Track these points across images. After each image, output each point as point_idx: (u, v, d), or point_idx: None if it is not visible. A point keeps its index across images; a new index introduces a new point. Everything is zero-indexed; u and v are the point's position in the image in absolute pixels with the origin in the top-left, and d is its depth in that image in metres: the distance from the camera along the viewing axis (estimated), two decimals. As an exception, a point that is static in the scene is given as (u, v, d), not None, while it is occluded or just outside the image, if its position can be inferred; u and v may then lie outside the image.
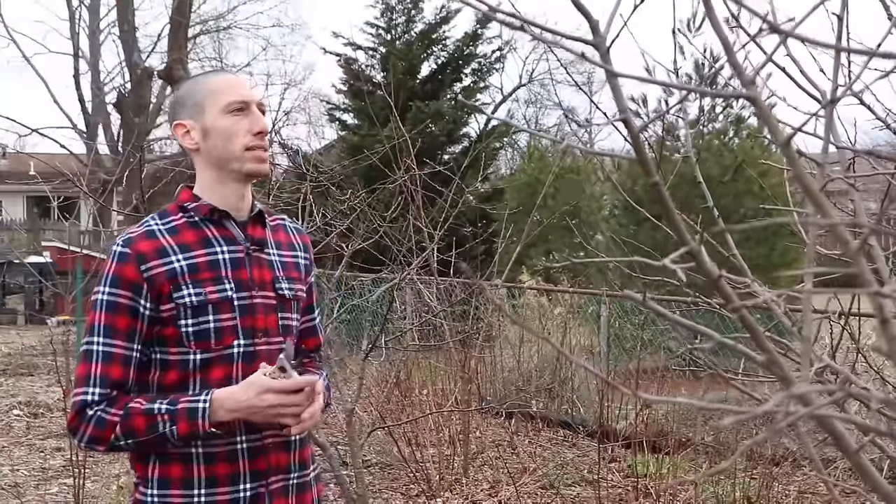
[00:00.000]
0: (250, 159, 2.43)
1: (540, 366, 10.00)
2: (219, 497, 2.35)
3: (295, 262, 2.59)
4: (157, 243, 2.38)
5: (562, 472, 7.73)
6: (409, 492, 7.24)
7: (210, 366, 2.36)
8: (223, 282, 2.39)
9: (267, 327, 2.44)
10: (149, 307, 2.34)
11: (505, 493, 7.11)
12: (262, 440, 2.39)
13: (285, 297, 2.49)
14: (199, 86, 2.49)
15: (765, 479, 6.27)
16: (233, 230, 2.46)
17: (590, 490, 6.89)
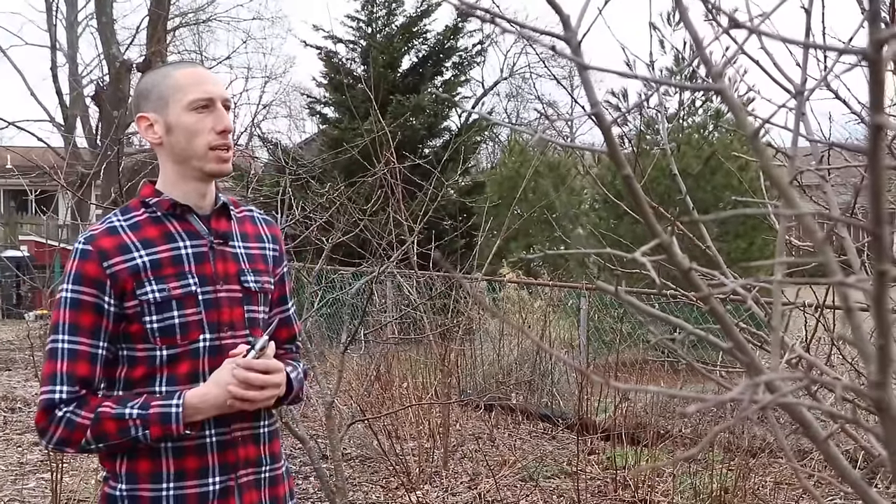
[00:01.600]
0: (213, 159, 2.40)
1: (520, 359, 10.02)
2: (188, 490, 2.34)
3: (262, 254, 2.56)
4: (119, 240, 2.36)
5: (541, 465, 7.76)
6: (388, 485, 7.26)
7: (177, 361, 2.35)
8: (186, 277, 2.37)
9: (233, 321, 2.42)
10: (113, 304, 2.33)
11: (484, 485, 7.13)
12: (230, 433, 2.39)
13: (251, 289, 2.47)
14: (164, 79, 2.44)
15: (741, 470, 6.31)
16: (195, 224, 2.44)
17: (569, 482, 6.92)
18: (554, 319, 10.69)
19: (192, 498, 2.35)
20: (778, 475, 6.88)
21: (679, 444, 7.94)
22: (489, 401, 9.45)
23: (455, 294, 8.89)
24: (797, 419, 1.48)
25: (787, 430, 2.45)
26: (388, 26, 18.47)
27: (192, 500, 2.35)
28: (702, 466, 7.05)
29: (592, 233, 13.17)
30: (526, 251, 14.50)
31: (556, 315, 10.93)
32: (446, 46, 18.74)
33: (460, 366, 9.61)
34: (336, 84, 17.93)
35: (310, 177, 6.91)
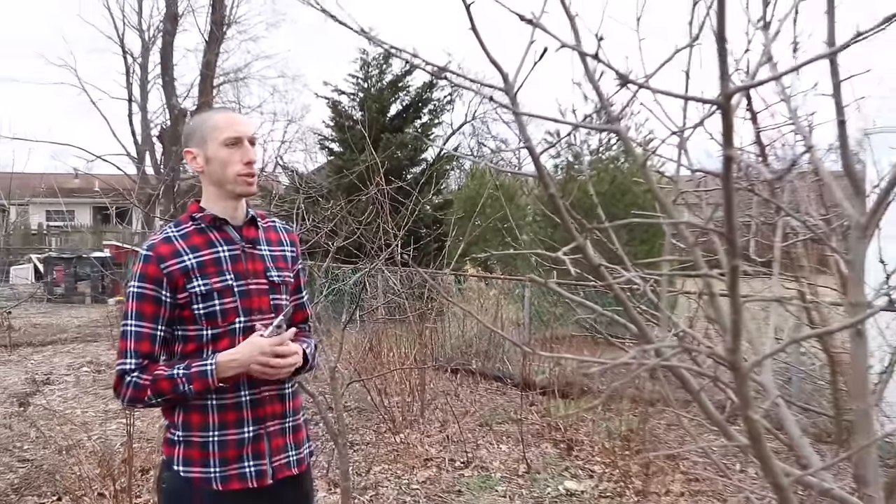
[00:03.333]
0: (241, 183, 2.46)
1: (479, 334, 10.04)
2: (229, 437, 2.41)
3: (283, 254, 2.61)
4: (172, 247, 2.43)
5: (494, 414, 7.77)
6: (378, 429, 7.25)
7: (219, 338, 2.41)
8: (225, 273, 2.43)
9: (261, 307, 2.47)
10: (168, 296, 2.39)
11: (451, 429, 7.13)
12: (260, 393, 2.45)
13: (275, 282, 2.53)
14: (204, 122, 2.49)
15: (642, 416, 6.35)
16: (231, 233, 2.50)
17: (515, 427, 6.93)
18: (505, 304, 10.74)
19: (232, 443, 2.41)
20: (669, 419, 6.93)
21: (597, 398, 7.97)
22: (455, 366, 9.46)
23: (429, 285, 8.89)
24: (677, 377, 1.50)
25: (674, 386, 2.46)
26: (380, 82, 18.47)
27: (232, 445, 2.41)
28: (614, 413, 7.09)
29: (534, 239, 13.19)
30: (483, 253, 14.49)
31: (507, 301, 10.97)
32: (424, 97, 18.76)
33: (433, 339, 9.60)
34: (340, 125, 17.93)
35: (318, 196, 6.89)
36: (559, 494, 5.67)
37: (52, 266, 20.85)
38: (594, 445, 6.69)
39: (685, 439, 6.18)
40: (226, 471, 2.41)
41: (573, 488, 5.77)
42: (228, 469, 2.42)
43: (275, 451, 2.49)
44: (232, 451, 2.42)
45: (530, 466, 6.21)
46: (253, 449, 2.45)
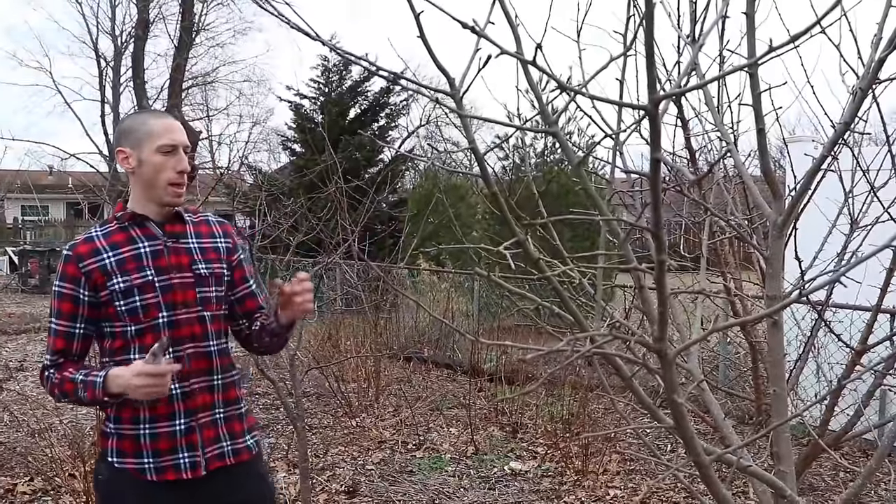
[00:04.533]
0: (170, 193, 2.34)
1: (431, 325, 10.04)
2: (160, 429, 2.31)
3: (214, 246, 2.47)
4: (92, 245, 2.32)
5: (445, 399, 7.78)
6: (336, 413, 7.21)
7: (143, 334, 2.30)
8: (145, 269, 2.31)
9: (186, 300, 2.35)
10: (87, 294, 2.30)
11: (405, 413, 7.13)
12: (189, 386, 2.34)
13: (202, 274, 2.39)
14: (142, 124, 2.35)
15: (582, 401, 6.40)
16: (153, 229, 2.37)
17: (464, 411, 6.93)
18: (455, 297, 10.74)
19: (164, 435, 2.31)
20: (606, 404, 7.00)
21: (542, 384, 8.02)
22: (408, 354, 9.46)
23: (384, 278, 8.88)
24: (611, 363, 1.51)
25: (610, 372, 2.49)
26: (340, 87, 18.44)
27: (164, 437, 2.31)
28: (556, 398, 7.14)
29: (483, 235, 13.22)
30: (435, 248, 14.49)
31: (457, 293, 10.97)
32: (381, 102, 18.77)
33: (388, 329, 9.60)
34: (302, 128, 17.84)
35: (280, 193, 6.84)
36: (505, 474, 5.70)
37: (27, 259, 20.51)
38: (538, 428, 6.72)
39: (621, 422, 6.24)
40: (160, 462, 2.31)
41: (518, 468, 5.80)
42: (162, 460, 2.32)
43: (206, 441, 2.37)
44: (164, 443, 2.32)
45: (478, 448, 6.22)
46: (186, 441, 2.34)
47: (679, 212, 3.16)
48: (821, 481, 5.50)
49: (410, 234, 9.24)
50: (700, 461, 1.20)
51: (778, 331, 1.85)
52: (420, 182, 20.70)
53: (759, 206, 1.94)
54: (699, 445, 1.20)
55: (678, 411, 1.12)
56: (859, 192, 3.18)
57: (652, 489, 5.30)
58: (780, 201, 1.89)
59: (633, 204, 2.41)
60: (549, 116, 1.02)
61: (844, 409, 3.72)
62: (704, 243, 2.49)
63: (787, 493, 1.63)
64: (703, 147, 3.51)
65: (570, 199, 12.52)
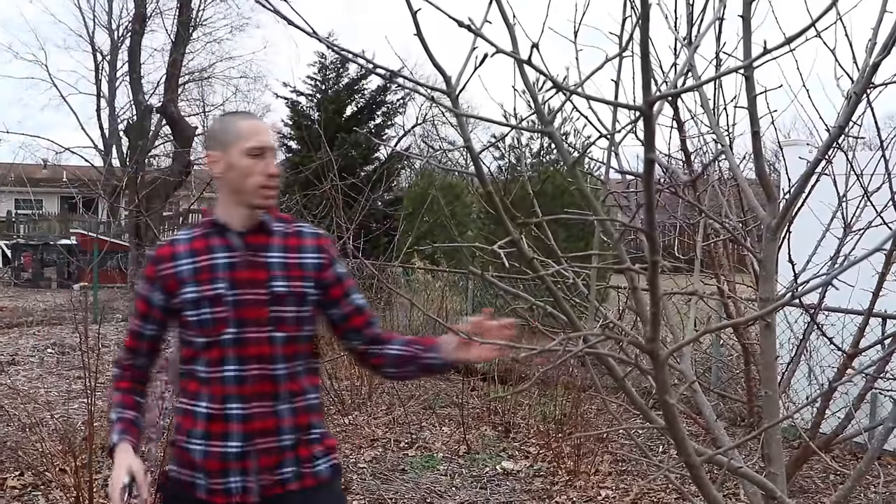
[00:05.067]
0: (260, 196, 2.24)
1: (425, 323, 10.03)
2: (212, 448, 2.20)
3: (299, 262, 2.29)
4: (172, 250, 2.26)
5: (437, 398, 7.78)
6: (328, 411, 7.21)
7: (209, 347, 2.20)
8: (217, 281, 2.20)
9: (258, 318, 2.20)
10: (160, 298, 2.25)
11: (397, 412, 7.13)
12: (250, 408, 2.20)
13: (278, 292, 2.23)
14: (228, 127, 2.27)
15: (575, 401, 6.40)
16: (232, 239, 2.25)
17: (457, 410, 6.94)
18: (449, 295, 10.74)
19: (216, 455, 2.19)
20: (599, 404, 7.01)
21: (535, 384, 8.03)
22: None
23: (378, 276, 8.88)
24: (604, 364, 1.51)
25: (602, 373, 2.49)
26: (337, 85, 18.40)
27: (216, 457, 2.19)
28: (548, 398, 7.14)
29: (478, 234, 13.24)
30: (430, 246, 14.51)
31: (451, 292, 10.97)
32: (378, 100, 18.73)
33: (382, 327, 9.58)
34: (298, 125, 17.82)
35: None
36: (496, 473, 5.70)
37: (20, 252, 20.51)
38: (530, 428, 6.73)
39: (613, 423, 6.25)
40: (210, 482, 2.21)
41: (510, 468, 5.81)
42: (213, 482, 2.21)
43: (263, 468, 2.21)
44: (215, 464, 2.20)
45: (470, 447, 6.23)
46: (240, 465, 2.20)
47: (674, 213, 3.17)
48: (811, 483, 5.51)
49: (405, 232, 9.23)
50: (691, 462, 1.20)
51: (770, 333, 1.85)
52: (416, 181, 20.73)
53: (754, 208, 1.94)
54: (690, 446, 1.20)
55: (670, 412, 1.12)
56: (853, 196, 3.20)
57: (643, 490, 5.31)
58: (774, 204, 1.89)
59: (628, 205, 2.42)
60: (545, 116, 1.02)
61: (835, 412, 3.74)
62: (699, 245, 2.50)
63: (777, 494, 1.64)
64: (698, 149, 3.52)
65: (565, 199, 12.54)
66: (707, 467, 1.89)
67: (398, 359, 2.35)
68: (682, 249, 3.41)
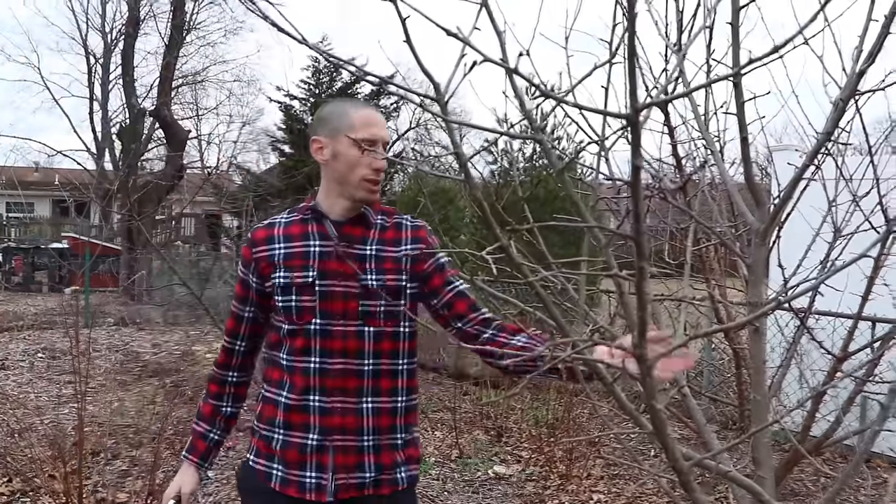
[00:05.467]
0: (364, 189, 2.17)
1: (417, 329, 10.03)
2: (293, 439, 2.18)
3: (395, 256, 2.21)
4: (269, 233, 2.24)
5: (430, 403, 7.78)
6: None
7: (294, 336, 2.17)
8: (308, 269, 2.16)
9: (346, 311, 2.15)
10: (255, 280, 2.24)
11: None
12: (331, 403, 2.16)
13: (369, 287, 2.16)
14: (341, 114, 2.18)
15: (567, 405, 6.41)
16: (328, 228, 2.19)
17: (449, 414, 6.95)
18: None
19: (295, 446, 2.17)
20: (591, 409, 7.02)
21: (526, 388, 8.03)
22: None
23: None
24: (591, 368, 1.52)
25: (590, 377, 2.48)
26: (331, 88, 18.49)
27: (295, 447, 2.17)
28: (541, 403, 7.15)
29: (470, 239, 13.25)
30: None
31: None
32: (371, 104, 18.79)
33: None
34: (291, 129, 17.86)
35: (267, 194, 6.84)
36: (489, 478, 5.71)
37: (11, 255, 20.44)
38: (522, 432, 6.74)
39: (605, 427, 6.26)
40: (287, 473, 2.18)
41: (502, 472, 5.81)
42: (289, 473, 2.18)
43: (339, 467, 2.16)
44: (293, 455, 2.17)
45: (462, 452, 6.23)
46: (317, 459, 2.16)
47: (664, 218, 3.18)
48: (802, 487, 5.53)
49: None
50: (678, 467, 1.21)
51: (759, 337, 1.86)
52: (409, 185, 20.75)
53: (743, 213, 1.95)
54: (678, 451, 1.21)
55: (657, 417, 1.13)
56: (843, 202, 3.22)
57: (635, 494, 5.32)
58: (763, 209, 1.90)
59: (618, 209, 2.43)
60: (535, 122, 1.03)
61: (826, 416, 3.75)
62: (689, 250, 2.51)
63: (764, 497, 1.64)
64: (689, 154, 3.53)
65: (556, 205, 12.56)
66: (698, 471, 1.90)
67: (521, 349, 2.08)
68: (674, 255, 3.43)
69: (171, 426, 6.39)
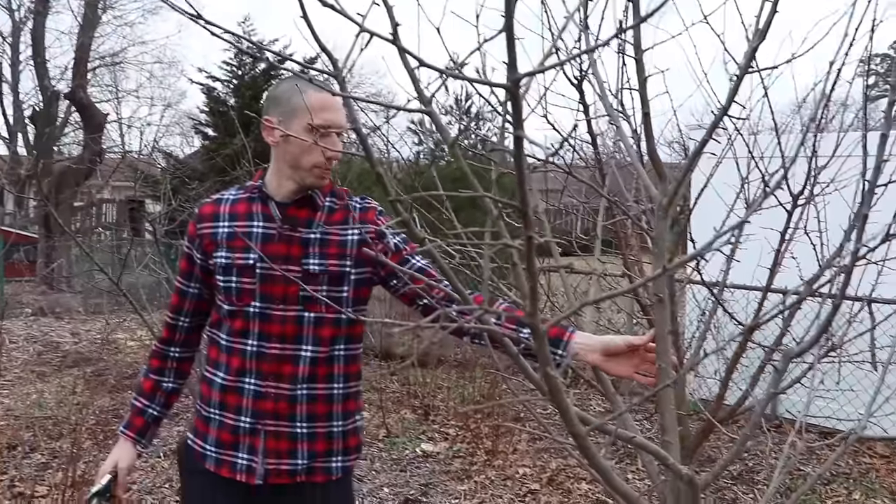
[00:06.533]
0: (315, 175, 2.11)
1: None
2: (227, 419, 2.16)
3: (341, 240, 2.15)
4: (215, 209, 2.19)
5: (358, 383, 7.79)
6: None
7: (234, 317, 2.14)
8: (250, 251, 2.11)
9: (286, 296, 2.11)
10: (199, 257, 2.20)
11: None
12: (265, 387, 2.14)
13: (311, 272, 2.11)
14: (296, 95, 2.07)
15: (493, 382, 6.50)
16: (272, 209, 2.14)
17: (377, 394, 6.97)
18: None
19: (228, 427, 2.15)
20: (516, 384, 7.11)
21: (452, 366, 8.11)
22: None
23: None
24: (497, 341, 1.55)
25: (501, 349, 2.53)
26: (253, 70, 18.13)
27: (228, 429, 2.15)
28: (467, 381, 7.23)
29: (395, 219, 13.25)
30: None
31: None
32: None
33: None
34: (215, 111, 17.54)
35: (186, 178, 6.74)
36: (416, 456, 5.76)
37: (-79, 245, 19.66)
38: (449, 411, 6.80)
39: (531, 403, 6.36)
40: (220, 454, 2.17)
41: (429, 450, 5.87)
42: (223, 453, 2.16)
43: (271, 452, 2.14)
44: (227, 435, 2.15)
45: (390, 431, 6.26)
46: (249, 441, 2.14)
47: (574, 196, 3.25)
48: (718, 454, 5.72)
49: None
50: (575, 431, 1.25)
51: (663, 308, 1.92)
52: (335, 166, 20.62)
53: (647, 187, 2.00)
54: (574, 417, 1.24)
55: (552, 384, 1.16)
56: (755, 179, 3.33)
57: (560, 466, 5.43)
58: (665, 183, 1.96)
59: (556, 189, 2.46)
60: (424, 97, 1.04)
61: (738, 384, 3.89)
62: (599, 225, 2.58)
63: (669, 461, 1.70)
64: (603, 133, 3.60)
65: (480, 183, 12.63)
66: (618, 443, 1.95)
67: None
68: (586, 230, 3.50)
69: (93, 416, 6.28)
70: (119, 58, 30.97)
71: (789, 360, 1.98)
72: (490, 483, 5.22)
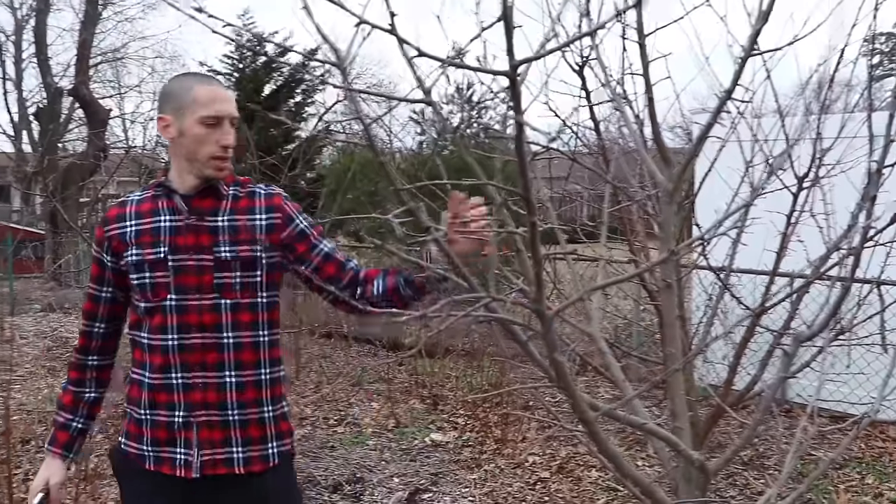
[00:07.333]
0: (212, 167, 2.12)
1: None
2: (160, 418, 2.17)
3: (252, 224, 2.18)
4: (121, 210, 2.21)
5: (365, 374, 7.80)
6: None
7: (151, 313, 2.15)
8: (160, 245, 2.13)
9: (201, 285, 2.13)
10: (110, 260, 2.20)
11: (325, 390, 7.14)
12: (192, 378, 2.15)
13: (223, 259, 2.14)
14: (185, 90, 2.12)
15: (502, 370, 6.50)
16: (178, 202, 2.16)
17: (385, 385, 6.98)
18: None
19: (163, 424, 2.17)
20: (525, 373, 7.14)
21: (460, 356, 8.12)
22: (328, 330, 9.42)
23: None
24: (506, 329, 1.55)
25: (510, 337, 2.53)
26: (255, 63, 18.14)
27: (163, 426, 2.17)
28: (475, 370, 7.24)
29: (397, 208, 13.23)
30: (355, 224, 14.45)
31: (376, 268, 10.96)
32: (297, 78, 18.56)
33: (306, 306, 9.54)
34: (216, 104, 17.54)
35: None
36: (426, 446, 5.77)
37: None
38: (458, 400, 6.81)
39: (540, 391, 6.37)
40: (158, 452, 2.18)
41: (438, 439, 5.88)
42: (161, 450, 2.18)
43: (204, 443, 2.15)
44: (163, 433, 2.17)
45: (399, 421, 6.27)
46: (184, 435, 2.15)
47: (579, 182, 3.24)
48: (729, 439, 5.72)
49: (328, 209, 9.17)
50: (585, 417, 1.25)
51: (670, 293, 1.92)
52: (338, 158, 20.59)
53: (652, 173, 2.00)
54: (584, 402, 1.25)
55: (560, 369, 1.16)
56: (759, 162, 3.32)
57: (570, 454, 5.44)
58: (671, 168, 1.95)
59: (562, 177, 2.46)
60: (424, 87, 1.04)
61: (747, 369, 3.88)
62: (605, 212, 2.56)
63: (680, 447, 1.71)
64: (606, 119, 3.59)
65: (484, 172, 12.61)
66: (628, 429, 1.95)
67: (391, 290, 2.18)
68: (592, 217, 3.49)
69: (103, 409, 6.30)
70: (120, 53, 30.90)
71: (799, 343, 1.98)
72: (500, 472, 5.23)
